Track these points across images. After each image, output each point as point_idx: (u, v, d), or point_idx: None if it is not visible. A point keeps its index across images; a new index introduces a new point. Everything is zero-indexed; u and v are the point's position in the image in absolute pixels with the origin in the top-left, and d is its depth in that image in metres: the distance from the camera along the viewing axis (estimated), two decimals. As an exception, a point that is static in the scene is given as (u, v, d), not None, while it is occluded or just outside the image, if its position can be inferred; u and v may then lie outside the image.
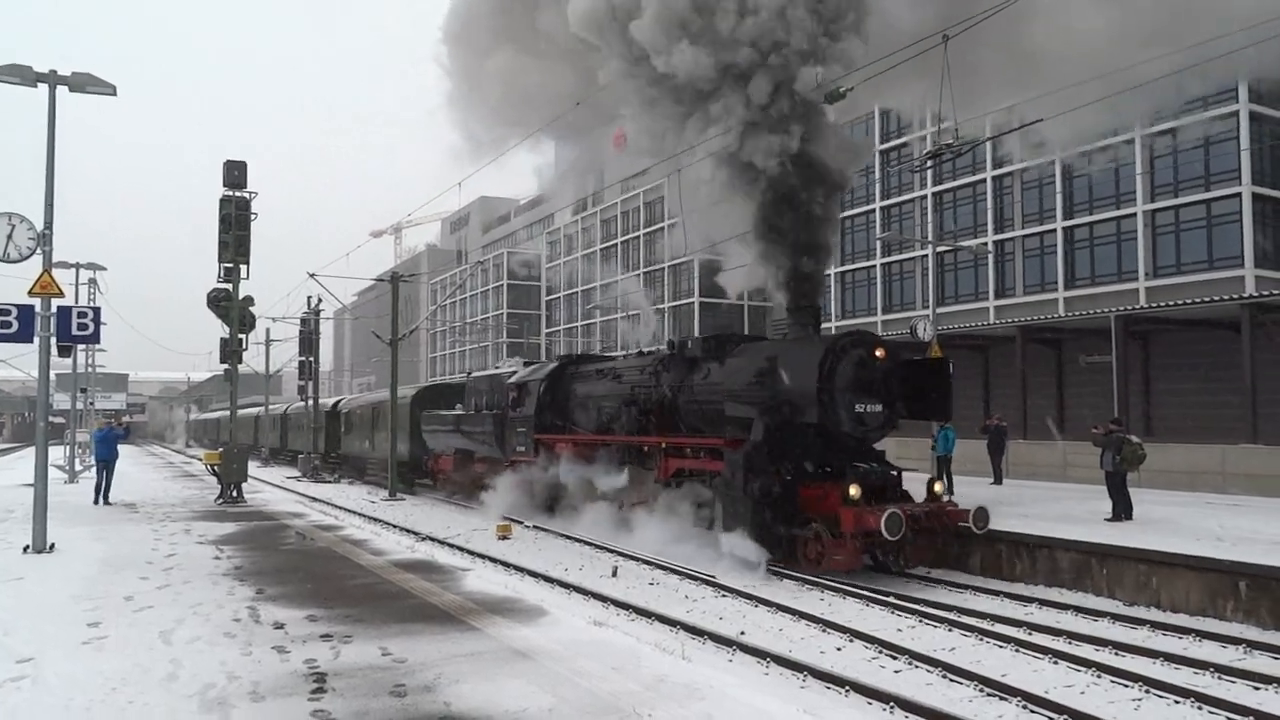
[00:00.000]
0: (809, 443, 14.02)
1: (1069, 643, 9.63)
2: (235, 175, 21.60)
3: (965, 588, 12.78)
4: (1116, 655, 9.20)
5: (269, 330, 46.66)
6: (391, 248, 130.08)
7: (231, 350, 22.56)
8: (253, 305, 22.97)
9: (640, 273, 68.38)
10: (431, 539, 17.29)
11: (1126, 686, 8.17)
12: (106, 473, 20.43)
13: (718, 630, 9.94)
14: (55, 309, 12.68)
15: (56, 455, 34.02)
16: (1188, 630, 10.21)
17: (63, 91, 13.27)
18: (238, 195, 21.53)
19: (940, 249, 40.11)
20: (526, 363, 24.50)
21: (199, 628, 8.08)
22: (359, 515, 21.64)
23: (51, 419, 14.40)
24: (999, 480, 21.60)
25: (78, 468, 31.16)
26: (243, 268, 21.73)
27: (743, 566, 13.43)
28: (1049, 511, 15.75)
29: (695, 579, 13.15)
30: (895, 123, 46.73)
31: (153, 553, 12.67)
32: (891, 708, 7.43)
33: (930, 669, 8.67)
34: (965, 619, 10.64)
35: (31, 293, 12.44)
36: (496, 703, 5.90)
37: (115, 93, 13.71)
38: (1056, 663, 8.93)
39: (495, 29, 20.48)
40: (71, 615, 8.61)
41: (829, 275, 50.83)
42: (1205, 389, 25.88)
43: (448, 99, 22.87)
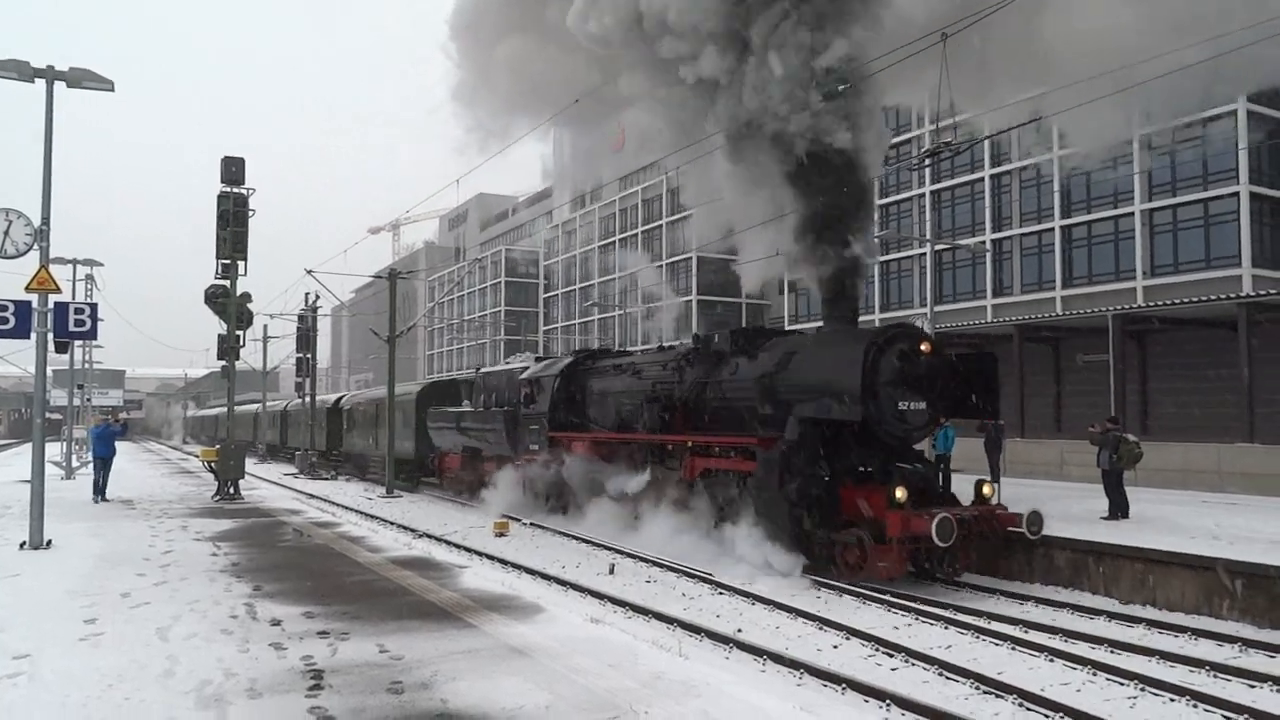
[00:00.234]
0: (848, 442, 13.29)
1: (1065, 640, 9.65)
2: (233, 171, 21.55)
3: (962, 585, 12.80)
4: (1112, 653, 9.22)
5: (266, 327, 46.58)
6: (389, 245, 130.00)
7: (229, 347, 22.55)
8: (250, 302, 22.95)
9: (642, 269, 68.31)
10: (429, 536, 17.29)
11: (1122, 684, 8.19)
12: (104, 469, 20.43)
13: (715, 628, 9.95)
14: (52, 305, 12.67)
15: (53, 452, 33.95)
16: (1184, 629, 10.24)
17: (60, 88, 13.25)
18: (235, 191, 21.49)
19: (938, 247, 40.13)
20: (538, 358, 23.66)
21: (196, 624, 8.08)
22: (356, 512, 21.64)
23: (48, 415, 14.38)
24: (996, 479, 21.60)
25: (74, 464, 31.13)
26: (240, 264, 21.69)
27: (776, 572, 12.83)
28: (1046, 510, 15.69)
29: (693, 577, 13.15)
30: (894, 120, 46.71)
31: (150, 549, 12.66)
32: (888, 705, 7.44)
33: (927, 667, 8.69)
34: (961, 617, 10.66)
35: (28, 288, 12.43)
36: (493, 700, 5.91)
37: (113, 88, 13.68)
38: (1053, 660, 8.95)
39: (504, 18, 20.14)
40: (68, 611, 8.61)
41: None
42: (1202, 388, 25.91)
43: (454, 91, 22.35)
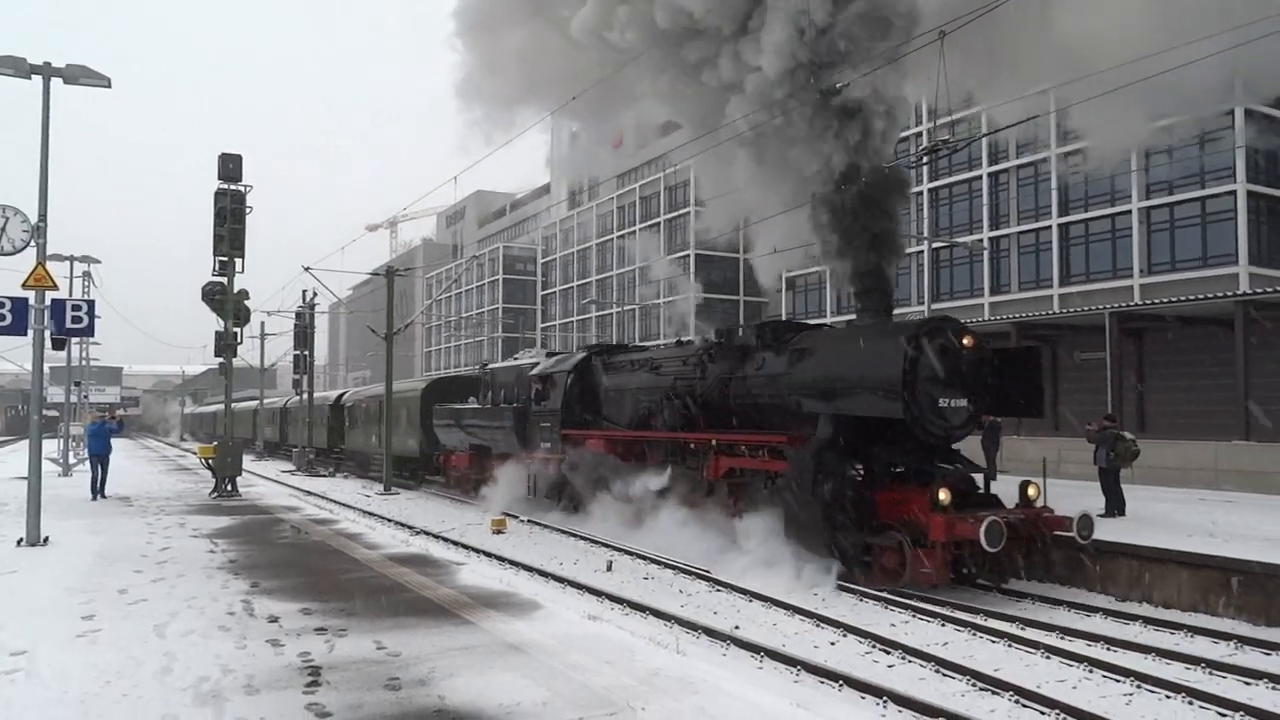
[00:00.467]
0: (881, 441, 12.64)
1: (1061, 638, 9.66)
2: (230, 168, 21.52)
3: (959, 583, 12.80)
4: (1109, 651, 9.24)
5: (264, 324, 46.56)
6: (387, 242, 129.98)
7: (226, 344, 22.54)
8: (248, 299, 22.93)
9: (636, 267, 68.34)
10: (426, 533, 17.29)
11: (1119, 681, 8.21)
12: (101, 467, 20.28)
13: (712, 625, 9.96)
14: (49, 302, 12.65)
15: (50, 448, 33.94)
16: (1180, 626, 10.26)
17: (58, 85, 13.23)
18: (233, 188, 21.46)
19: (936, 245, 40.13)
20: (549, 353, 23.07)
21: (193, 621, 8.08)
22: (354, 509, 21.63)
23: (45, 412, 14.37)
24: (993, 475, 21.60)
25: (71, 461, 31.10)
26: (238, 261, 21.67)
27: (808, 577, 12.23)
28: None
29: (690, 574, 13.16)
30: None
31: (147, 546, 12.66)
32: (884, 702, 7.46)
33: (923, 664, 8.71)
34: (958, 614, 10.66)
35: (25, 285, 12.41)
36: (490, 696, 5.91)
37: (109, 85, 13.65)
38: (1049, 658, 8.97)
39: (513, 7, 19.82)
40: (65, 608, 8.61)
41: (824, 271, 50.90)
42: (1199, 385, 25.94)
43: (459, 85, 22.02)
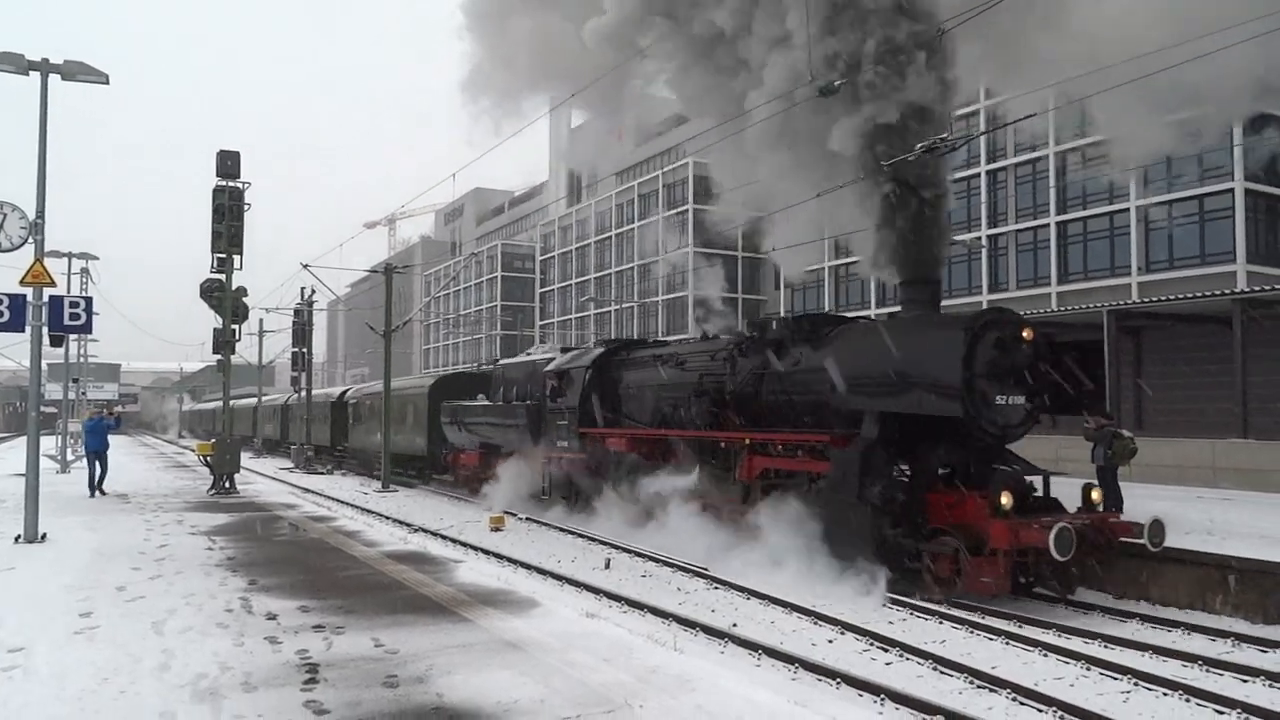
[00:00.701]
0: (930, 440, 11.96)
1: (1059, 635, 9.67)
2: (228, 165, 21.51)
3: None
4: (1106, 648, 9.26)
5: (262, 321, 46.59)
6: (385, 239, 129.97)
7: (224, 341, 22.54)
8: (246, 296, 22.95)
9: (635, 265, 68.35)
10: (424, 531, 17.28)
11: (1116, 679, 8.22)
12: (100, 464, 20.14)
13: (710, 622, 9.96)
14: (47, 298, 12.64)
15: (48, 445, 33.92)
16: (1177, 624, 10.28)
17: (56, 81, 13.21)
18: (231, 185, 21.45)
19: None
20: (564, 348, 22.44)
21: (191, 618, 8.08)
22: (352, 507, 21.62)
23: (43, 409, 14.36)
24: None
25: (69, 458, 31.09)
26: (236, 258, 21.66)
27: (853, 586, 11.42)
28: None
29: (688, 571, 13.16)
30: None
31: (145, 543, 12.65)
32: (882, 700, 7.46)
33: (921, 661, 8.71)
34: (955, 612, 10.67)
35: (23, 282, 12.40)
36: (488, 694, 5.91)
37: (107, 81, 13.65)
38: (1046, 655, 8.98)
39: None
40: (63, 605, 8.60)
41: (823, 269, 50.95)
42: (1196, 384, 25.98)
43: (466, 78, 21.66)
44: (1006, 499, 10.82)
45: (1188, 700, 7.65)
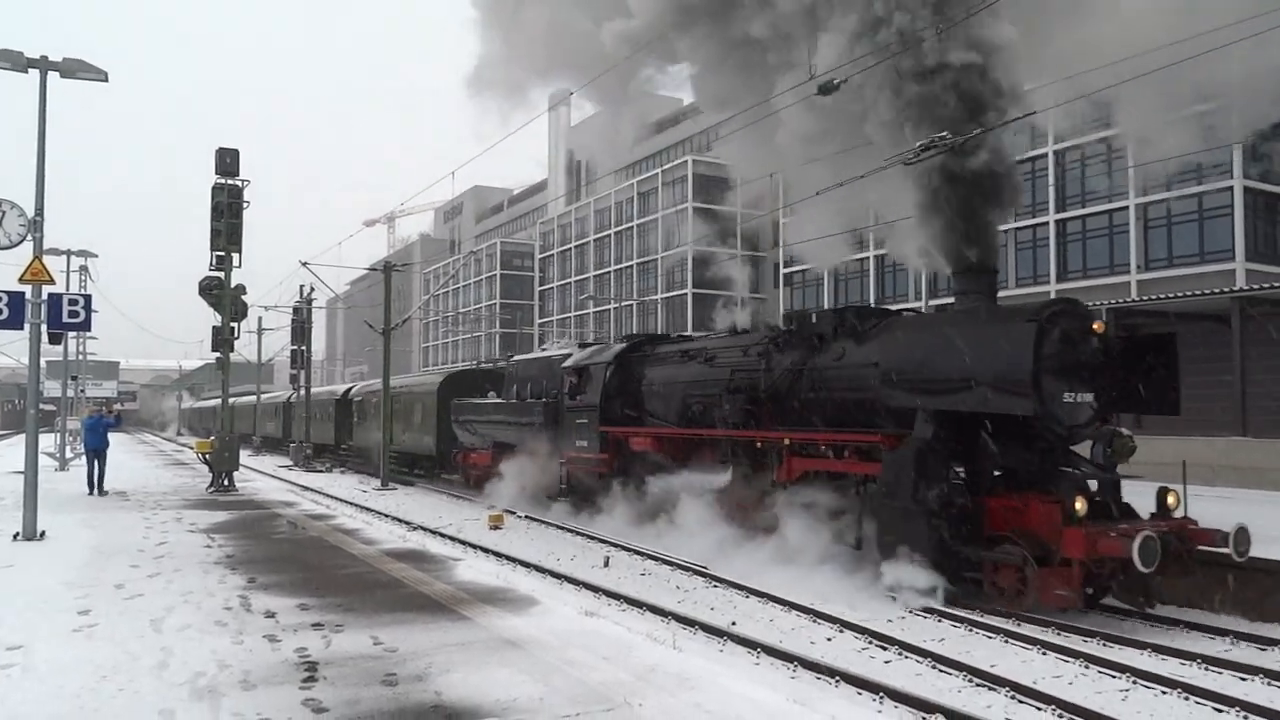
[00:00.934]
0: (985, 441, 11.20)
1: (1057, 634, 9.67)
2: (227, 163, 21.51)
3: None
4: (1104, 646, 9.26)
5: (261, 319, 46.58)
6: (385, 237, 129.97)
7: (223, 339, 22.54)
8: (245, 294, 22.94)
9: (635, 263, 68.35)
10: (424, 529, 17.28)
11: (1114, 677, 8.22)
12: (99, 462, 19.96)
13: (709, 621, 9.97)
14: (46, 296, 12.64)
15: (47, 443, 33.91)
16: (1176, 622, 10.28)
17: (55, 79, 13.21)
18: (230, 183, 21.45)
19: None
20: (582, 344, 21.68)
21: (190, 616, 8.08)
22: (351, 505, 21.61)
23: (42, 406, 14.36)
24: None
25: (68, 455, 31.09)
26: (235, 256, 21.66)
27: (906, 598, 10.80)
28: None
29: (687, 570, 13.17)
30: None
31: (144, 541, 12.66)
32: (881, 698, 7.46)
33: (920, 660, 8.71)
34: (954, 610, 10.68)
35: (22, 279, 12.40)
36: (487, 692, 5.91)
37: (106, 78, 13.65)
38: (1045, 653, 8.98)
39: None
40: (62, 603, 8.60)
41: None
42: (1195, 382, 25.92)
43: (477, 66, 21.55)
44: (1081, 505, 10.09)
45: (1186, 698, 7.65)
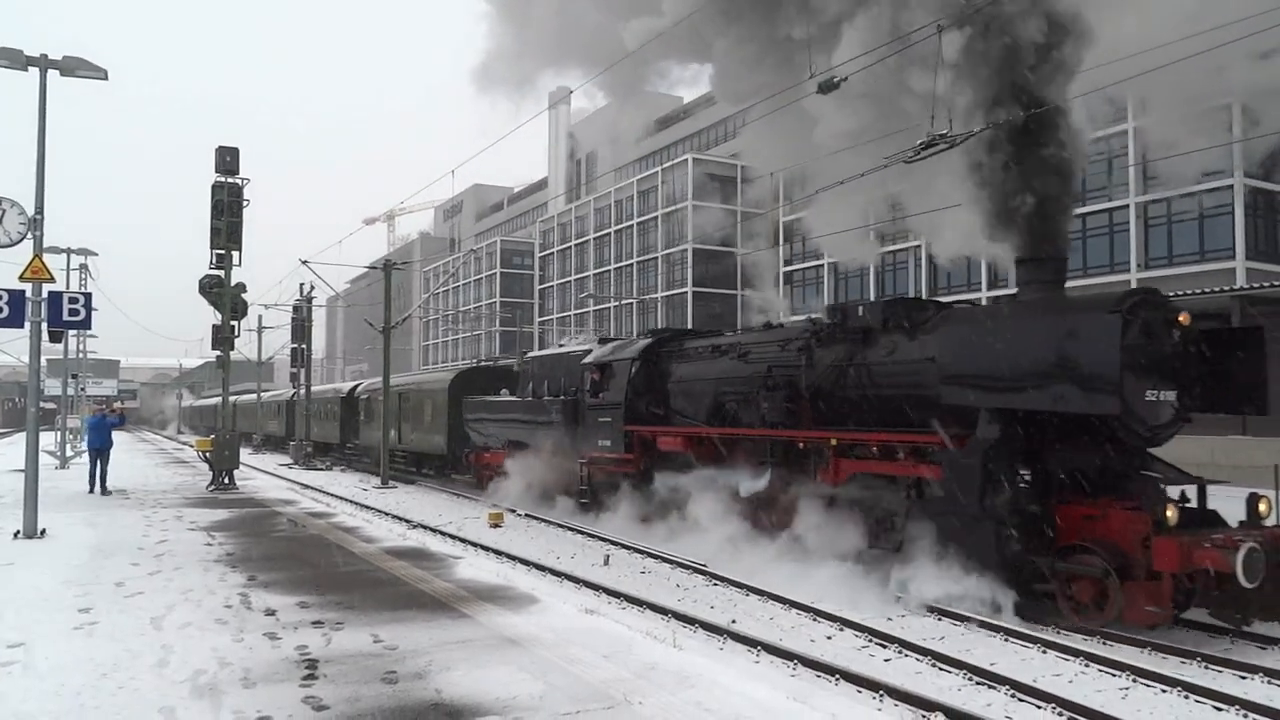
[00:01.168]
0: (1052, 443, 10.48)
1: (1057, 632, 9.67)
2: (227, 161, 21.51)
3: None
4: (1104, 645, 9.26)
5: (261, 317, 46.58)
6: (384, 235, 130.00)
7: (223, 337, 22.54)
8: (245, 292, 22.94)
9: (635, 261, 68.34)
10: (424, 527, 17.29)
11: (1114, 676, 8.22)
12: (102, 461, 19.87)
13: (709, 619, 9.96)
14: (46, 294, 12.64)
15: (47, 441, 33.91)
16: (1175, 621, 10.25)
17: (55, 78, 13.22)
18: (230, 181, 21.45)
19: (934, 240, 40.11)
20: (602, 339, 20.87)
21: (190, 614, 8.09)
22: (351, 503, 21.62)
23: (42, 405, 14.38)
24: None
25: (69, 453, 31.11)
26: (235, 254, 21.67)
27: (975, 609, 10.11)
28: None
29: (686, 568, 13.17)
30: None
31: (144, 539, 12.67)
32: (881, 696, 7.46)
33: (920, 658, 8.72)
34: (954, 608, 10.68)
35: (22, 278, 12.41)
36: (487, 690, 5.92)
37: (106, 77, 13.65)
38: (1045, 652, 8.98)
39: None
40: (62, 601, 8.61)
41: (822, 266, 50.94)
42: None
43: (487, 58, 21.20)
44: (1172, 513, 9.38)
45: (1186, 697, 7.65)
